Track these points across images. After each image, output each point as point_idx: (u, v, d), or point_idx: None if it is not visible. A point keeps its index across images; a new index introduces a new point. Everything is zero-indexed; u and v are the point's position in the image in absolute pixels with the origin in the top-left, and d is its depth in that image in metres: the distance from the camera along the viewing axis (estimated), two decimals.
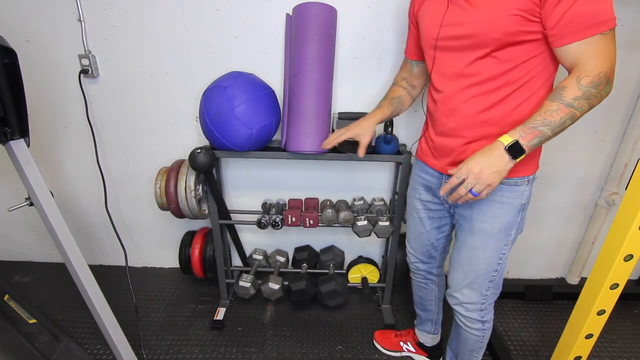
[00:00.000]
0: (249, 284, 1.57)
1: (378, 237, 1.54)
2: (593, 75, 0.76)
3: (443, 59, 0.95)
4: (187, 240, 1.76)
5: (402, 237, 1.74)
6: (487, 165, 0.82)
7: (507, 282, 1.91)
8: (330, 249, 1.81)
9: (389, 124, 1.35)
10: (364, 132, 1.13)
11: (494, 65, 0.85)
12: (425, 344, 1.44)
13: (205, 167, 1.36)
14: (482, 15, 0.83)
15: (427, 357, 1.46)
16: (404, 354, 1.48)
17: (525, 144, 0.80)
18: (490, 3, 0.81)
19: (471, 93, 0.90)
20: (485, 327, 1.10)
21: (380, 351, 1.50)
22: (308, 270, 1.71)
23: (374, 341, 1.53)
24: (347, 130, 1.16)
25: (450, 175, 1.01)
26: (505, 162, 0.82)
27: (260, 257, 1.74)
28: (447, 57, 0.93)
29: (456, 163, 0.98)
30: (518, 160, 0.82)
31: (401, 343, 1.48)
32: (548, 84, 0.88)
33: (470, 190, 0.84)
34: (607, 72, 0.76)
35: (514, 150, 0.81)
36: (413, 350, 1.47)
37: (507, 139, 0.81)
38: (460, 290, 1.07)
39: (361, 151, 1.14)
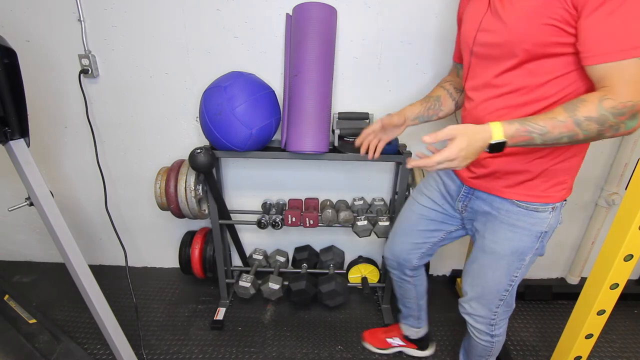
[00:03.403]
0: (249, 284, 1.57)
1: (378, 237, 1.54)
2: (619, 102, 0.65)
3: (477, 65, 0.89)
4: (187, 240, 1.76)
5: None
6: (469, 157, 0.73)
7: None
8: (330, 249, 1.81)
9: None
10: (401, 122, 1.09)
11: (525, 78, 0.79)
12: (411, 337, 1.44)
13: (205, 167, 1.36)
14: (513, 23, 0.76)
15: (417, 349, 1.46)
16: (394, 349, 1.48)
17: (509, 144, 0.73)
18: (522, 11, 0.74)
19: (498, 105, 0.84)
20: (494, 341, 1.09)
21: (373, 351, 1.49)
22: (308, 270, 1.71)
23: (364, 342, 1.52)
24: (383, 119, 1.09)
25: (471, 187, 0.99)
26: (480, 154, 0.75)
27: (260, 257, 1.74)
28: (480, 65, 0.88)
29: (480, 177, 0.95)
30: (490, 153, 0.74)
31: (388, 339, 1.48)
32: None
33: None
34: (636, 104, 0.65)
35: (496, 148, 0.73)
36: (402, 343, 1.47)
37: (498, 134, 0.72)
38: (469, 302, 1.06)
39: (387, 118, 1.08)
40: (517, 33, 0.76)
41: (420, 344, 1.46)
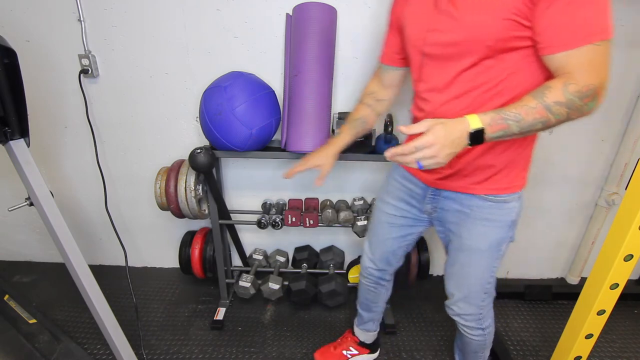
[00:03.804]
0: (249, 284, 1.57)
1: None
2: (582, 86, 0.69)
3: (430, 66, 0.87)
4: (187, 240, 1.76)
5: None
6: (448, 146, 0.72)
7: (507, 282, 1.93)
8: (330, 249, 1.81)
9: (389, 123, 1.35)
10: (324, 162, 1.10)
11: (484, 74, 0.79)
12: (367, 342, 1.43)
13: (205, 167, 1.36)
14: (469, 21, 0.76)
15: (370, 353, 1.45)
16: None
17: (488, 134, 0.73)
18: (480, 7, 0.74)
19: (461, 105, 0.83)
20: (486, 333, 1.10)
21: None
22: (308, 270, 1.71)
23: None
24: (306, 162, 1.10)
25: (437, 189, 0.98)
26: (462, 146, 0.74)
27: (260, 257, 1.74)
28: (434, 65, 0.86)
29: (446, 177, 0.94)
30: (471, 145, 0.75)
31: (344, 352, 1.44)
32: None
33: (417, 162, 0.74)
34: (596, 87, 0.69)
35: (475, 137, 0.73)
36: (356, 352, 1.44)
37: (475, 123, 0.72)
38: (457, 303, 1.07)
39: (319, 181, 1.07)
40: (476, 31, 0.75)
41: (373, 347, 1.45)
